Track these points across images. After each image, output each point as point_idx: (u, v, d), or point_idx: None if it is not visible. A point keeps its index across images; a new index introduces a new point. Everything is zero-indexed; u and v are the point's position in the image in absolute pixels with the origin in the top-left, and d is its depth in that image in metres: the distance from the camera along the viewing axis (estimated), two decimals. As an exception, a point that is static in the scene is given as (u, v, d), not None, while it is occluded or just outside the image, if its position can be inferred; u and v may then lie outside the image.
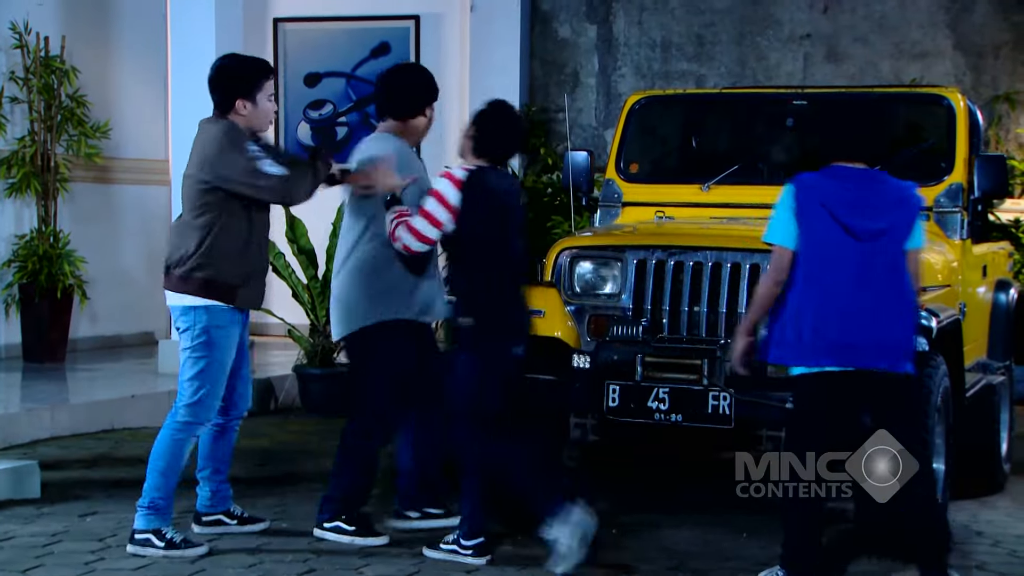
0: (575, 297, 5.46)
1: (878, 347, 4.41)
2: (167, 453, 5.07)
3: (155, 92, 10.08)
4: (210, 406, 5.09)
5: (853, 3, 10.24)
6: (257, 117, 5.11)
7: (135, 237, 10.20)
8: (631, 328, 5.23)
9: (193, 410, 5.07)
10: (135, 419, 7.64)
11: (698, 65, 10.50)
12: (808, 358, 4.43)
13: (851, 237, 4.40)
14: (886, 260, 4.43)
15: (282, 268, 8.51)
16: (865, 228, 4.40)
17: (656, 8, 10.62)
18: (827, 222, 4.42)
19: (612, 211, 6.51)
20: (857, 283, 4.40)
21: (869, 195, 4.45)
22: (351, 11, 11.09)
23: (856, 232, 4.39)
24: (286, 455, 7.03)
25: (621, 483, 6.47)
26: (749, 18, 10.42)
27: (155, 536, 5.00)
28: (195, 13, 8.44)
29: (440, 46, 10.95)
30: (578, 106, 10.64)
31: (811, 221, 4.44)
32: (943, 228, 5.98)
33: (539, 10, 10.86)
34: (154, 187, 10.13)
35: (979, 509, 5.94)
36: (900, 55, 10.12)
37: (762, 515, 5.72)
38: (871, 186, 4.47)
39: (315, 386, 8.33)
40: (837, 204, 4.41)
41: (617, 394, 5.15)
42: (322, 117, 11.24)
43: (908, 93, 7.05)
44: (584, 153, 6.58)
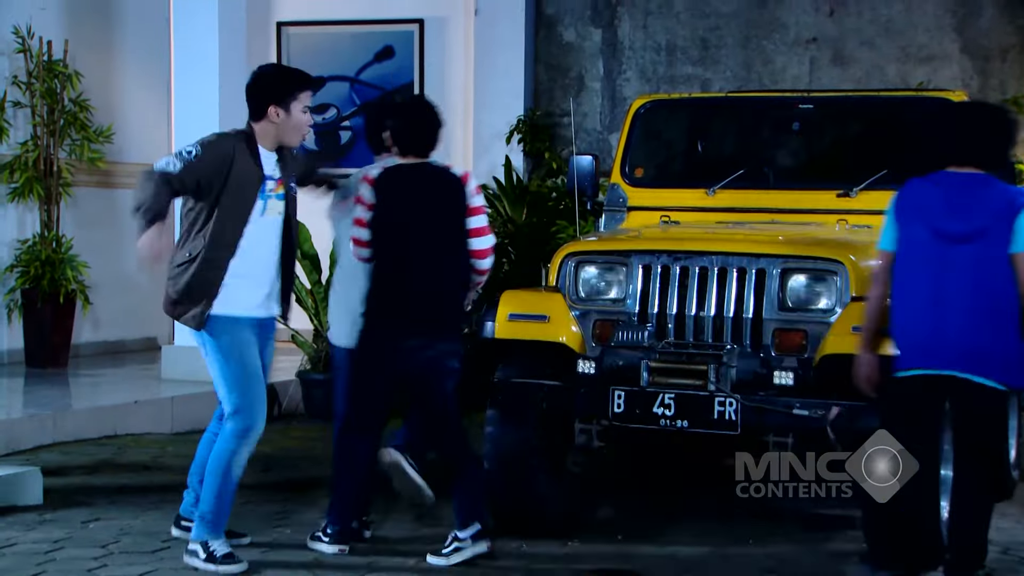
0: (580, 302, 5.45)
1: (964, 353, 4.38)
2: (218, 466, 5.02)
3: (158, 96, 10.10)
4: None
5: (859, 6, 10.23)
6: (288, 127, 5.04)
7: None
8: (637, 333, 5.22)
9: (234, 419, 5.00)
10: (138, 425, 7.64)
11: (703, 69, 10.50)
12: (898, 361, 4.47)
13: (940, 240, 4.42)
14: (980, 263, 4.40)
15: (285, 273, 8.51)
16: (955, 231, 4.40)
17: (661, 12, 10.62)
18: (918, 225, 4.46)
19: (617, 216, 6.50)
20: (942, 286, 4.40)
21: (969, 199, 4.44)
22: (355, 15, 11.10)
23: (945, 235, 4.40)
24: (289, 461, 7.02)
25: (626, 489, 6.46)
26: (754, 21, 10.42)
27: (201, 548, 4.95)
28: (198, 17, 8.46)
29: (444, 50, 10.96)
30: (583, 110, 10.64)
31: (905, 225, 4.50)
32: (950, 233, 5.96)
33: (543, 14, 10.86)
34: (157, 192, 10.13)
35: (987, 516, 5.92)
36: (907, 59, 10.11)
37: (768, 522, 5.71)
38: (974, 190, 4.47)
39: (319, 392, 8.32)
40: (931, 207, 4.44)
41: (622, 400, 5.14)
42: (325, 121, 11.25)
43: (915, 97, 7.03)
44: (589, 157, 6.57)
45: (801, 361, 5.08)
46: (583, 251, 5.54)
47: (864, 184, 6.08)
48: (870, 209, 6.01)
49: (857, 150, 6.68)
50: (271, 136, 5.06)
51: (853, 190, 6.10)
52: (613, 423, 5.20)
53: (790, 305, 5.19)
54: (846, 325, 5.01)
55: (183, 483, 5.41)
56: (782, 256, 5.23)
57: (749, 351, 5.13)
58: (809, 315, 5.16)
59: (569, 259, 5.51)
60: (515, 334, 5.39)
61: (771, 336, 5.14)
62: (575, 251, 5.54)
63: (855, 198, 6.08)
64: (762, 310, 5.18)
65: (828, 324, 5.08)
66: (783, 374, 5.04)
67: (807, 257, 5.23)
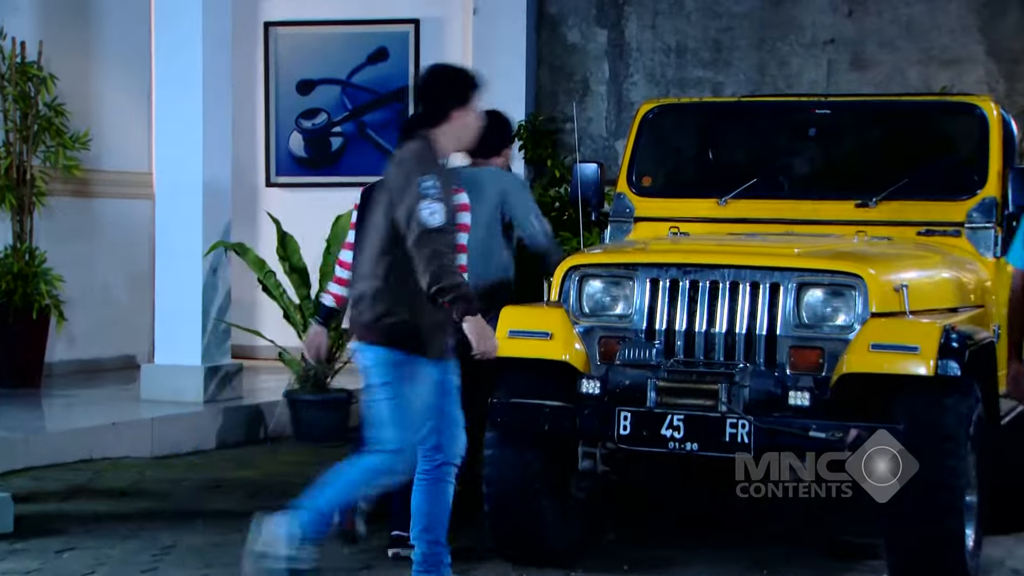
0: (584, 318, 5.47)
1: None
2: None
3: (138, 100, 10.12)
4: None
5: (879, 6, 10.27)
6: (470, 130, 4.90)
7: (116, 254, 10.22)
8: (644, 351, 5.24)
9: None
10: (115, 448, 7.65)
11: (715, 72, 10.53)
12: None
13: None
14: None
15: (273, 287, 8.54)
16: None
17: (670, 12, 10.65)
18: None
19: (624, 227, 6.52)
20: None
21: None
22: (347, 15, 11.14)
23: None
24: (278, 487, 7.03)
25: (633, 515, 6.46)
26: (769, 22, 10.45)
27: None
28: (182, 16, 8.49)
29: (441, 52, 10.97)
30: (587, 115, 10.67)
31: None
32: (975, 245, 5.99)
33: (546, 14, 10.90)
34: (136, 201, 10.15)
35: (1015, 544, 5.94)
36: (929, 61, 10.14)
37: (785, 547, 5.72)
38: None
39: (308, 413, 8.34)
40: None
41: (628, 421, 5.15)
42: (316, 127, 11.29)
43: (938, 102, 7.08)
44: (594, 165, 6.59)
45: (818, 380, 5.08)
46: (587, 264, 5.55)
47: (884, 194, 6.09)
48: (890, 220, 6.04)
49: (877, 158, 6.71)
50: (452, 142, 4.90)
51: (873, 200, 6.11)
52: (619, 446, 5.22)
53: (806, 321, 5.20)
54: (865, 342, 5.02)
55: (163, 510, 5.44)
56: (797, 270, 5.24)
57: (763, 370, 5.15)
58: (826, 332, 5.17)
59: (572, 273, 5.53)
60: (516, 352, 5.39)
61: (786, 354, 5.15)
62: (579, 264, 5.56)
63: (875, 208, 6.10)
64: (776, 327, 5.19)
65: (846, 341, 5.09)
66: (799, 394, 5.04)
67: (824, 271, 5.24)
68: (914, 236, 6.00)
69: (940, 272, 5.71)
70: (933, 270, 5.69)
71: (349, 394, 8.42)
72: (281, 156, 11.34)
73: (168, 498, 6.72)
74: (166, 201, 8.64)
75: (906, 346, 4.97)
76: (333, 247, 8.40)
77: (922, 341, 4.95)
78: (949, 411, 4.96)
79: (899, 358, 4.97)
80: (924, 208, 6.07)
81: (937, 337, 4.94)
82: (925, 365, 4.91)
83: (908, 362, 4.95)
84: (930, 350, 4.91)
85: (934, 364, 4.90)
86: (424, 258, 4.53)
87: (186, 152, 8.47)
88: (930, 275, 5.64)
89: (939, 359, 4.91)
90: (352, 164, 11.14)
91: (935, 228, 6.02)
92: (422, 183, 4.60)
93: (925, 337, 4.97)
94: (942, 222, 6.02)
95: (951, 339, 4.95)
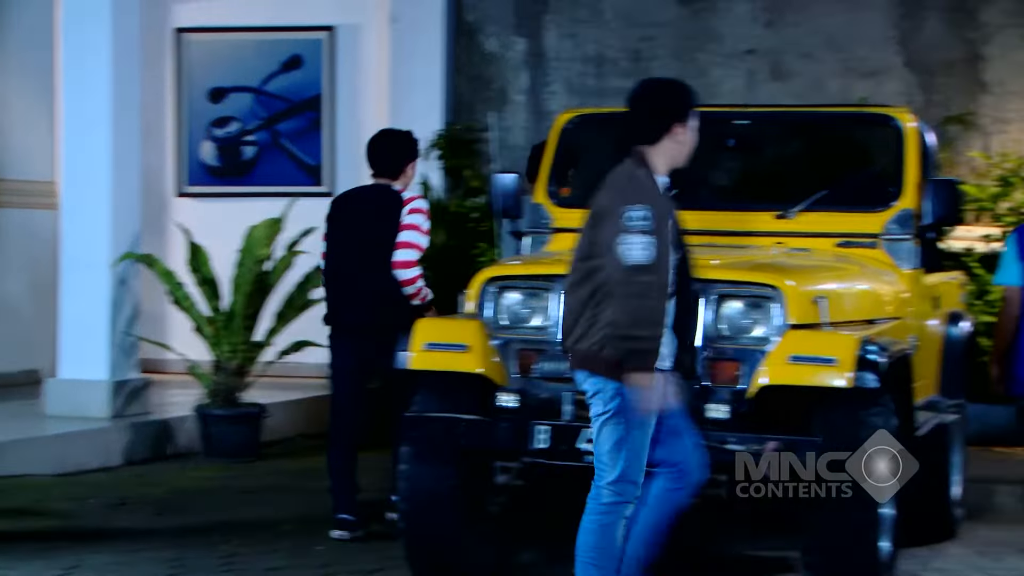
0: (501, 330, 5.47)
1: None
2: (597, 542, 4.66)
3: (41, 106, 9.99)
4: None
5: (798, 17, 10.41)
6: (687, 148, 4.75)
7: (19, 265, 10.06)
8: (561, 363, 5.25)
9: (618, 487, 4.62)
10: (17, 466, 7.52)
11: (634, 81, 10.58)
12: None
13: None
14: None
15: (182, 300, 8.46)
16: None
17: (590, 21, 10.72)
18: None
19: (542, 238, 6.54)
20: None
21: None
22: (260, 21, 11.09)
23: None
24: (184, 504, 6.96)
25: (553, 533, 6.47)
26: (689, 32, 10.56)
27: None
28: (89, 21, 8.38)
29: (357, 60, 10.98)
30: (506, 125, 10.68)
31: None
32: (893, 257, 6.06)
33: (464, 22, 10.92)
34: (40, 211, 10.00)
35: (930, 556, 6.03)
36: (848, 72, 10.30)
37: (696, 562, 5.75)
38: None
39: (218, 428, 8.27)
40: None
41: (545, 435, 5.17)
42: (228, 135, 11.21)
43: (856, 113, 7.17)
44: (512, 175, 6.61)
45: (735, 393, 5.13)
46: (504, 276, 5.56)
47: (803, 205, 6.16)
48: (809, 232, 6.11)
49: (796, 169, 6.79)
50: (668, 160, 4.72)
51: (791, 211, 6.16)
52: (536, 460, 5.24)
53: (725, 333, 5.25)
54: (783, 354, 5.07)
55: (68, 529, 5.35)
56: (716, 281, 5.27)
57: (681, 382, 5.18)
58: (744, 343, 5.22)
59: (489, 284, 5.53)
60: (431, 365, 5.39)
61: (704, 366, 5.21)
62: (496, 276, 5.56)
63: (793, 220, 6.16)
64: (695, 339, 5.23)
65: (764, 353, 5.15)
66: (717, 407, 5.10)
67: (742, 283, 5.28)
68: (832, 247, 6.07)
69: (858, 284, 5.80)
70: (851, 282, 5.77)
71: (261, 408, 8.37)
72: (192, 165, 11.25)
73: (72, 517, 6.63)
74: (72, 211, 8.51)
75: (824, 358, 5.02)
76: (246, 258, 8.34)
77: (840, 353, 5.01)
78: (865, 423, 5.04)
79: (817, 370, 5.03)
80: (842, 220, 6.15)
81: (854, 349, 5.00)
82: (843, 377, 4.97)
83: (826, 374, 5.01)
84: (847, 362, 4.97)
85: (852, 376, 4.96)
86: (619, 298, 4.36)
87: (93, 160, 8.36)
88: (848, 287, 5.72)
89: (857, 371, 4.96)
90: (265, 173, 11.08)
91: (853, 240, 6.09)
92: (629, 213, 4.39)
93: (843, 349, 5.02)
94: (860, 233, 6.10)
95: (868, 351, 5.02)
